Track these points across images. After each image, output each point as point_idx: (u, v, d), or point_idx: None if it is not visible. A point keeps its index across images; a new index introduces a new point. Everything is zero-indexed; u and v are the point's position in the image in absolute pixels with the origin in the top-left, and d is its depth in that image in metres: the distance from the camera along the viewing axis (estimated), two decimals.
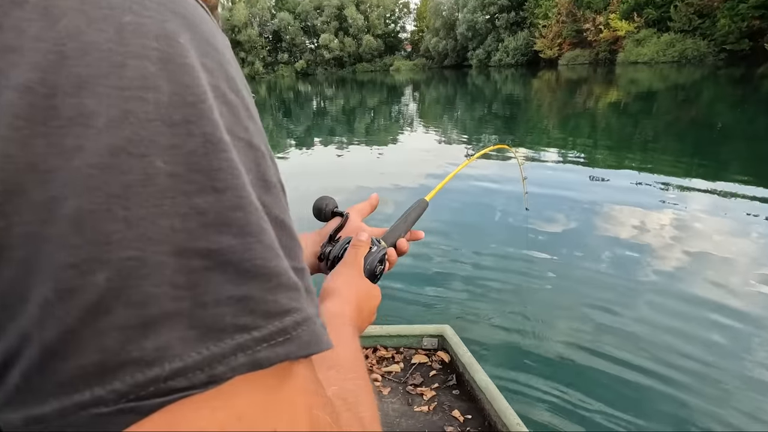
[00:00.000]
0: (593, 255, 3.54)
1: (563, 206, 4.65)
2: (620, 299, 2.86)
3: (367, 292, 0.51)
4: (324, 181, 6.28)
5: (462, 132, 10.36)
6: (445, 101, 19.14)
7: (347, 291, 0.49)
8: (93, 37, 0.16)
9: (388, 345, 1.89)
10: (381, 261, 0.57)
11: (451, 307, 2.92)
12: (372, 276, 0.55)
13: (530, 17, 43.13)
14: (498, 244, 3.84)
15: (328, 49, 55.84)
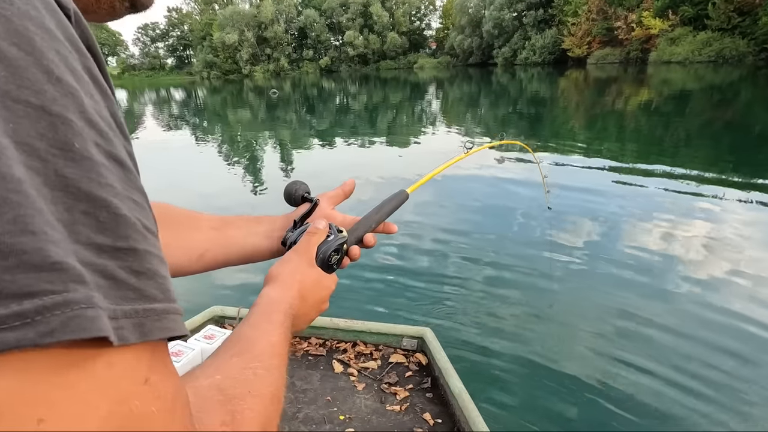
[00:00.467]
0: (612, 262, 3.43)
1: (585, 209, 4.54)
2: (633, 312, 2.76)
3: (315, 281, 0.50)
4: (342, 176, 6.30)
5: (485, 131, 10.23)
6: (469, 100, 18.93)
7: (290, 278, 0.48)
8: None
9: (368, 341, 1.90)
10: (337, 250, 0.55)
11: (438, 306, 2.89)
12: (325, 265, 0.53)
13: (559, 15, 42.15)
14: (507, 247, 3.78)
15: (352, 46, 55.98)
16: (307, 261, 0.51)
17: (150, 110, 22.09)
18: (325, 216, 0.61)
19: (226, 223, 0.60)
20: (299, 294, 0.47)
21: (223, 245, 0.58)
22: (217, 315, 1.98)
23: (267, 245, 0.60)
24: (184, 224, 0.58)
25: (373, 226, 0.64)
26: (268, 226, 0.61)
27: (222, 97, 27.59)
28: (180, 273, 0.57)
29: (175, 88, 41.65)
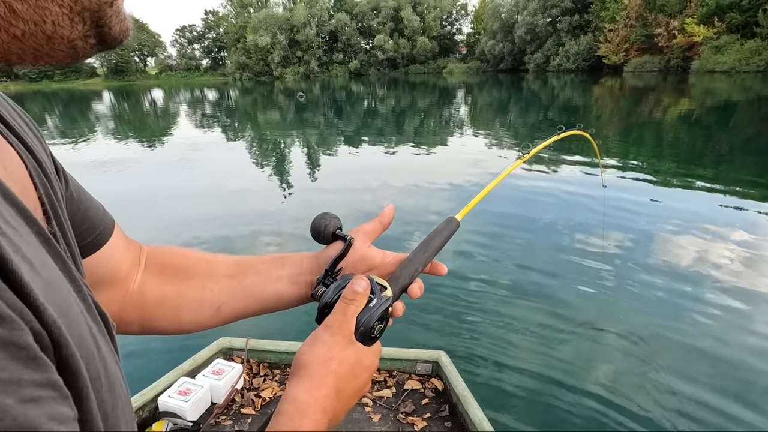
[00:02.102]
0: (644, 279, 3.22)
1: (615, 223, 4.31)
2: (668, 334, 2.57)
3: (354, 364, 0.42)
4: (367, 180, 6.26)
5: (513, 138, 9.99)
6: (498, 106, 18.62)
7: (322, 369, 0.40)
8: None
9: (381, 367, 1.82)
10: (381, 319, 0.45)
11: (452, 327, 2.76)
12: (367, 338, 0.44)
13: (595, 21, 41.03)
14: (528, 261, 3.61)
15: (382, 50, 56.24)
16: (344, 340, 0.42)
17: (184, 109, 22.80)
18: (361, 257, 0.52)
19: (244, 269, 0.52)
20: (335, 387, 0.40)
21: (242, 295, 0.51)
22: (224, 347, 1.91)
23: (293, 292, 0.52)
24: (199, 273, 0.51)
25: (420, 270, 0.53)
26: (293, 270, 0.52)
27: (253, 98, 28.21)
28: (197, 328, 0.52)
29: (208, 89, 42.93)
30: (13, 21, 0.23)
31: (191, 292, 0.50)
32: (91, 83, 59.96)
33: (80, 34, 0.27)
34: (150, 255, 0.52)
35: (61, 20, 0.25)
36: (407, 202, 5.32)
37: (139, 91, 43.17)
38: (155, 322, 0.50)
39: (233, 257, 0.54)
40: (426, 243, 0.55)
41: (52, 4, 0.24)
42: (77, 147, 10.97)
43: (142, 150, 10.35)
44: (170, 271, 0.51)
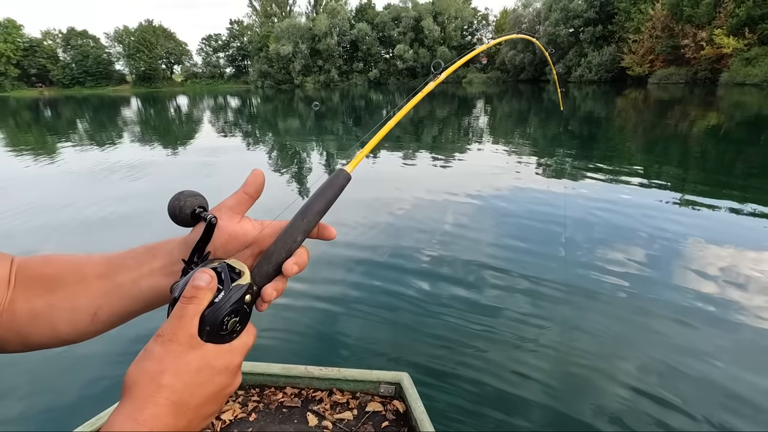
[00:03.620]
0: (644, 303, 3.09)
1: (634, 237, 4.17)
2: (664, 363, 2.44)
3: (195, 374, 0.36)
4: (383, 188, 6.25)
5: (533, 148, 9.86)
6: (518, 116, 18.46)
7: (149, 387, 0.34)
8: None
9: (345, 389, 1.79)
10: (235, 311, 0.38)
11: (418, 343, 2.69)
12: (217, 336, 0.38)
13: (619, 31, 40.46)
14: (515, 271, 3.52)
15: (402, 60, 56.63)
16: (180, 347, 0.36)
17: (207, 116, 23.35)
18: (231, 236, 0.45)
19: (114, 267, 0.47)
20: (170, 403, 0.34)
21: (117, 296, 0.46)
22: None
23: (169, 284, 0.45)
24: (67, 280, 0.46)
25: (300, 240, 0.45)
26: (164, 260, 0.46)
27: (273, 106, 28.71)
28: (79, 338, 0.47)
29: (231, 96, 43.91)
30: None
31: (62, 301, 0.46)
32: (120, 89, 62.10)
33: None
34: (19, 268, 0.47)
35: None
36: (422, 211, 5.28)
37: (165, 97, 44.47)
38: (33, 339, 0.46)
39: (105, 254, 0.48)
40: (306, 206, 0.47)
41: None
42: (105, 151, 11.32)
43: (165, 154, 10.61)
44: (38, 282, 0.46)
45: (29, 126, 19.49)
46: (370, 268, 3.72)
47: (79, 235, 4.81)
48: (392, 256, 3.95)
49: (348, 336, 2.81)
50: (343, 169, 0.51)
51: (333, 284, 3.45)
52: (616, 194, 5.81)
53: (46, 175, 8.51)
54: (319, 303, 3.18)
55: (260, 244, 0.47)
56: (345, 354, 2.63)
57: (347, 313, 3.06)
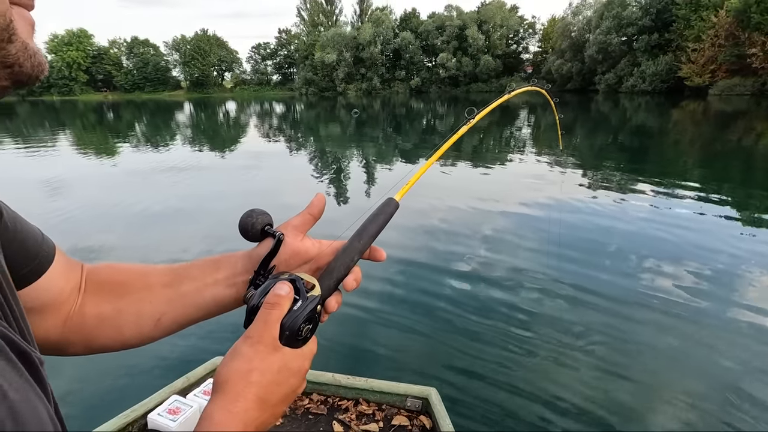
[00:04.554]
0: (696, 327, 2.83)
1: (686, 257, 3.87)
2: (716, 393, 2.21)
3: (276, 374, 0.40)
4: (419, 196, 6.20)
5: (578, 160, 9.47)
6: (563, 127, 17.82)
7: (241, 383, 0.39)
8: None
9: (371, 400, 1.77)
10: (309, 320, 0.43)
11: (447, 360, 2.59)
12: (294, 341, 0.42)
13: (677, 40, 38.31)
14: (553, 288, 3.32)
15: (444, 68, 56.47)
16: (266, 349, 0.40)
17: (253, 121, 24.28)
18: (294, 252, 0.51)
19: (179, 277, 0.51)
20: (257, 399, 0.39)
21: (180, 304, 0.50)
22: (218, 367, 1.89)
23: (231, 295, 0.51)
24: (134, 287, 0.50)
25: (356, 259, 0.51)
26: (228, 272, 0.51)
27: (316, 113, 29.42)
28: (141, 342, 0.51)
29: (276, 102, 45.48)
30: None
31: (129, 307, 0.49)
32: (175, 94, 65.91)
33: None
34: (89, 274, 0.51)
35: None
36: (457, 222, 5.18)
37: (215, 102, 46.74)
38: (98, 342, 0.49)
39: (169, 266, 0.52)
40: (362, 229, 0.53)
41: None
42: (159, 152, 12.01)
43: (212, 157, 11.10)
44: (107, 288, 0.50)
45: (94, 127, 21.06)
46: (402, 278, 3.68)
47: (130, 229, 5.10)
48: (425, 267, 3.90)
49: (375, 345, 2.79)
50: (392, 198, 0.58)
51: (364, 292, 3.44)
52: (668, 209, 5.45)
53: (106, 173, 9.14)
54: (348, 310, 3.18)
55: (317, 261, 0.52)
56: (371, 364, 2.61)
57: (376, 323, 3.04)
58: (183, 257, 4.20)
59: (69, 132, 17.95)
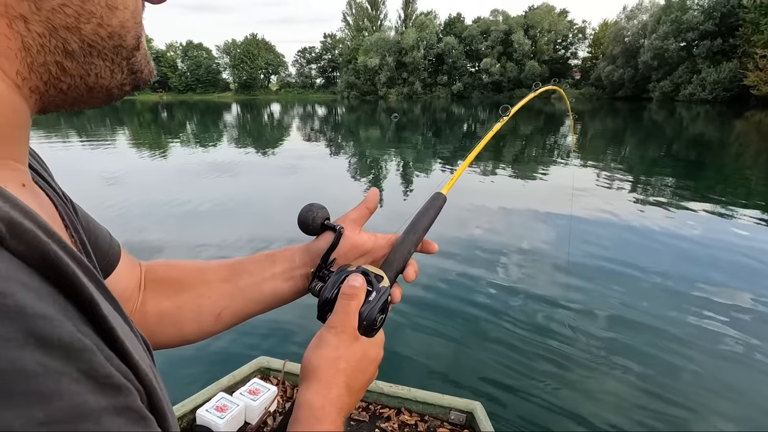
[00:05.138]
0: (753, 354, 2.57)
1: (739, 273, 3.57)
2: None
3: (359, 362, 0.43)
4: (457, 202, 6.12)
5: (626, 172, 9.01)
6: (612, 136, 17.05)
7: (331, 371, 0.41)
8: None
9: (413, 410, 1.73)
10: (382, 310, 0.45)
11: (493, 375, 2.48)
12: (370, 331, 0.45)
13: (743, 45, 35.70)
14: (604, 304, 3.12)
15: (488, 73, 55.63)
16: (349, 338, 0.43)
17: (296, 123, 24.94)
18: (352, 245, 0.52)
19: (237, 272, 0.52)
20: (346, 385, 0.41)
21: (240, 298, 0.51)
22: (263, 367, 1.93)
23: (289, 288, 0.52)
24: (192, 283, 0.51)
25: (412, 251, 0.53)
26: (285, 265, 0.52)
27: (357, 116, 29.81)
28: (201, 337, 0.52)
29: (318, 105, 46.50)
30: (62, 77, 0.26)
31: (188, 303, 0.50)
32: (223, 96, 68.92)
33: (118, 84, 0.29)
34: (146, 272, 0.52)
35: (103, 72, 0.27)
36: (500, 230, 5.06)
37: (260, 104, 48.47)
38: (159, 338, 0.50)
39: (225, 261, 0.54)
40: (415, 223, 0.55)
41: (99, 59, 0.27)
42: (207, 151, 12.59)
43: (256, 156, 11.49)
44: (165, 285, 0.51)
45: (149, 125, 22.40)
46: (447, 286, 3.63)
47: (180, 225, 5.36)
48: (469, 275, 3.82)
49: (418, 353, 2.74)
50: (440, 192, 0.61)
51: (408, 299, 3.42)
52: (726, 231, 5.06)
53: (158, 169, 9.68)
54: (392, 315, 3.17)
55: (373, 254, 0.54)
56: (413, 372, 2.57)
57: (419, 329, 3.00)
58: (232, 254, 4.36)
59: (127, 130, 19.19)
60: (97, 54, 0.26)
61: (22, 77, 0.24)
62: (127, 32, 0.28)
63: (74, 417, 0.15)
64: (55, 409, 0.15)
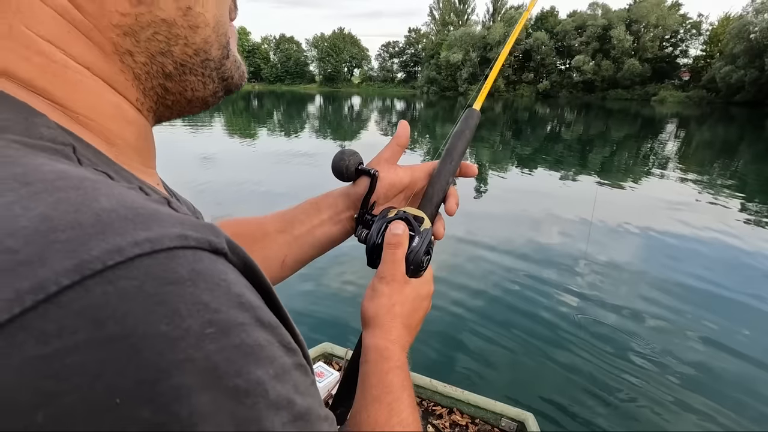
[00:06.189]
0: None
1: None
2: None
3: (413, 302, 0.47)
4: (529, 207, 5.81)
5: (736, 188, 7.86)
6: (722, 146, 15.01)
7: (389, 317, 0.45)
8: None
9: (465, 411, 1.77)
10: (427, 251, 0.48)
11: (547, 392, 2.35)
12: (417, 273, 0.48)
13: None
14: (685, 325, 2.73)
15: (579, 71, 51.92)
16: (399, 284, 0.47)
17: (374, 116, 25.42)
18: (390, 185, 0.54)
19: (290, 222, 0.56)
20: (403, 325, 0.46)
21: (297, 246, 0.56)
22: (327, 352, 2.04)
23: (339, 230, 0.56)
24: (256, 236, 0.56)
25: (451, 181, 0.53)
26: (331, 211, 0.56)
27: (435, 111, 29.56)
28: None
29: (398, 99, 46.88)
30: (166, 96, 0.30)
31: (256, 254, 0.54)
32: (308, 87, 72.36)
33: (211, 92, 0.33)
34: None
35: (197, 86, 0.31)
36: (578, 239, 4.72)
37: (342, 96, 50.09)
38: None
39: (276, 213, 0.58)
40: (450, 150, 0.54)
41: (191, 75, 0.31)
42: (290, 139, 13.34)
43: (333, 146, 11.92)
44: (237, 241, 0.56)
45: (241, 113, 24.26)
46: (512, 292, 3.50)
47: (260, 202, 5.77)
48: (539, 284, 3.64)
49: (475, 358, 2.70)
50: (472, 109, 0.57)
51: (469, 297, 3.36)
52: None
53: (245, 152, 10.47)
54: (451, 312, 3.13)
55: (412, 187, 0.56)
56: (465, 374, 2.53)
57: (476, 332, 2.95)
58: None
59: (222, 116, 20.97)
60: (189, 71, 0.30)
61: (140, 102, 0.30)
62: (210, 46, 0.31)
63: (283, 371, 0.21)
64: (276, 366, 0.20)
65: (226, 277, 0.20)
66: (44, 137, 0.22)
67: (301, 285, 3.45)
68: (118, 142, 0.28)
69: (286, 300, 1.20)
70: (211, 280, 0.19)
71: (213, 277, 0.19)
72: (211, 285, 0.19)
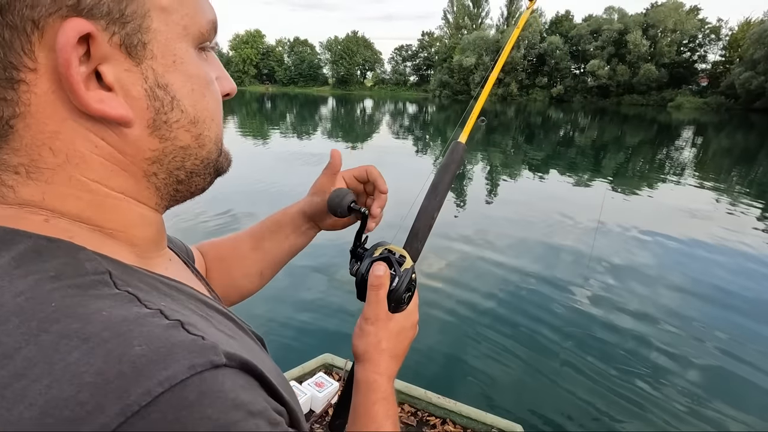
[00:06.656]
0: None
1: None
2: None
3: (397, 335, 0.52)
4: (542, 213, 5.76)
5: (754, 197, 7.70)
6: (741, 154, 14.71)
7: (376, 352, 0.50)
8: None
9: (458, 422, 1.84)
10: (408, 288, 0.51)
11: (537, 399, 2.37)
12: (400, 308, 0.52)
13: None
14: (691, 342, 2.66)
15: (594, 76, 51.33)
16: (383, 322, 0.51)
17: (386, 119, 25.47)
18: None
19: (260, 239, 0.66)
20: (391, 356, 0.51)
21: (271, 258, 0.65)
22: (327, 363, 2.12)
23: (304, 240, 0.67)
24: (232, 257, 0.65)
25: (435, 216, 0.56)
26: (293, 225, 0.65)
27: (446, 115, 29.50)
28: (254, 292, 0.67)
29: (410, 102, 46.90)
30: (177, 196, 0.38)
31: (237, 272, 0.65)
32: (321, 90, 72.82)
33: (208, 183, 0.41)
34: (203, 255, 0.66)
35: (199, 183, 0.39)
36: (584, 247, 4.67)
37: (354, 99, 50.31)
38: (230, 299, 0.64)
39: (246, 231, 0.67)
40: (436, 182, 0.57)
41: (196, 177, 0.38)
42: (301, 141, 13.44)
43: (345, 149, 11.98)
44: (217, 264, 0.66)
45: (254, 114, 24.53)
46: (505, 301, 3.48)
47: (272, 202, 5.82)
48: (539, 296, 3.61)
49: (465, 368, 2.71)
50: (458, 142, 0.62)
51: (464, 308, 3.35)
52: None
53: (258, 153, 10.58)
54: (446, 325, 3.13)
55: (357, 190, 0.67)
56: (458, 385, 2.53)
57: (471, 345, 2.94)
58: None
59: (236, 117, 21.22)
60: (196, 175, 0.38)
61: (158, 205, 0.38)
62: (211, 153, 0.38)
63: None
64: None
65: (223, 388, 0.25)
66: (88, 272, 0.28)
67: (303, 297, 3.47)
68: (140, 242, 0.36)
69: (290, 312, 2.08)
70: (213, 395, 0.25)
71: (213, 392, 0.25)
72: (212, 399, 0.24)
